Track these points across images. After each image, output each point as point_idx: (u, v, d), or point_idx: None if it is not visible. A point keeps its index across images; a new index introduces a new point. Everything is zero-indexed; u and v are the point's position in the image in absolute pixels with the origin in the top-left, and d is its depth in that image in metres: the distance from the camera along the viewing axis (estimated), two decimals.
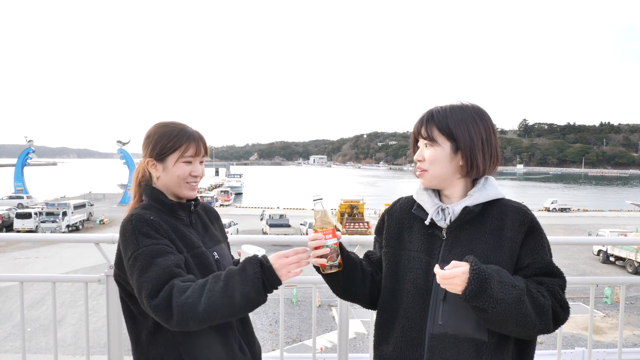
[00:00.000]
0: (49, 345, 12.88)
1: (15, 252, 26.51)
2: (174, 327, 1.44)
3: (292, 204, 54.76)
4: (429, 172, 1.55)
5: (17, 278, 2.69)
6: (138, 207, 1.66)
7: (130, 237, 1.53)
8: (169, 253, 1.53)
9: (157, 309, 1.42)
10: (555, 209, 53.94)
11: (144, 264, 1.48)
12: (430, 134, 1.54)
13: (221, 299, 1.42)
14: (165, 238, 1.56)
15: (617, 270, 24.69)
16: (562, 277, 1.49)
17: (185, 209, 1.72)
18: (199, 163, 1.72)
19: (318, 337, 13.43)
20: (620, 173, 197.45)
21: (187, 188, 1.70)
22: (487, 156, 1.54)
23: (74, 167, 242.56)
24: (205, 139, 1.75)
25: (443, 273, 1.35)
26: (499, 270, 1.38)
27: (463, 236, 1.51)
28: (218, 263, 1.71)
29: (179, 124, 1.73)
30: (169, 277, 1.46)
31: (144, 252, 1.50)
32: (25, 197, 47.18)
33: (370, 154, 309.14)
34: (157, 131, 1.71)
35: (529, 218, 1.49)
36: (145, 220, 1.56)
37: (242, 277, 1.44)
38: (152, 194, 1.69)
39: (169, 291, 1.43)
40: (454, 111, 1.54)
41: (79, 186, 73.34)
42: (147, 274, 1.46)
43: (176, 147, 1.67)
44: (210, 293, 1.42)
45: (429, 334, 1.49)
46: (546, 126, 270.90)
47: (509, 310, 1.34)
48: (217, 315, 1.43)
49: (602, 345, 13.76)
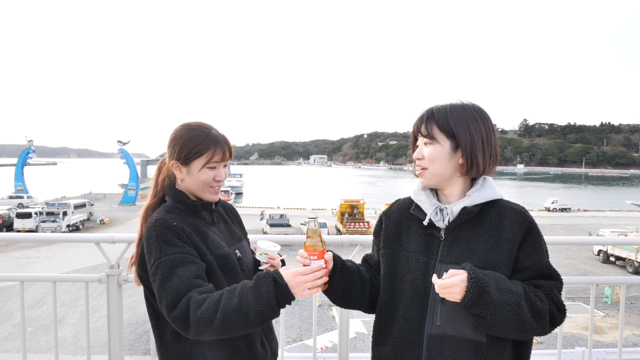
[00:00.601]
0: (50, 345, 12.87)
1: (16, 252, 26.51)
2: (191, 337, 1.49)
3: (292, 203, 54.78)
4: (429, 170, 1.55)
5: (17, 278, 2.69)
6: (162, 210, 1.66)
7: (154, 244, 1.56)
8: (190, 263, 1.55)
9: (176, 321, 1.47)
10: (555, 209, 53.98)
11: (165, 274, 1.52)
12: (430, 131, 1.53)
13: (235, 316, 1.44)
14: (187, 244, 1.59)
15: (617, 270, 24.65)
16: (559, 280, 1.50)
17: (207, 208, 1.74)
18: (222, 167, 1.72)
19: (318, 336, 13.40)
20: (620, 173, 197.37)
21: (210, 192, 1.71)
22: (487, 155, 1.54)
23: (74, 167, 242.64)
24: (229, 142, 1.73)
25: (441, 283, 1.36)
26: (496, 277, 1.38)
27: (461, 237, 1.50)
28: (240, 261, 1.74)
29: (205, 127, 1.70)
30: (188, 288, 1.49)
31: (165, 261, 1.53)
32: (25, 197, 47.19)
33: (370, 154, 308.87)
34: (184, 134, 1.68)
35: (528, 220, 1.49)
36: (168, 226, 1.58)
37: (256, 295, 1.45)
38: (175, 196, 1.70)
39: (186, 303, 1.46)
40: (455, 110, 1.54)
41: (79, 186, 73.41)
42: (168, 284, 1.50)
43: (202, 153, 1.65)
44: (224, 310, 1.44)
45: (427, 335, 1.49)
46: (547, 126, 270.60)
47: (507, 316, 1.35)
48: (232, 330, 1.46)
49: (602, 345, 13.75)
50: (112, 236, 2.54)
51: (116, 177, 78.69)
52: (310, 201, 59.44)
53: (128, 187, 52.57)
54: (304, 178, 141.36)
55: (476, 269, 1.38)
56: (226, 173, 1.76)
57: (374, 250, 1.78)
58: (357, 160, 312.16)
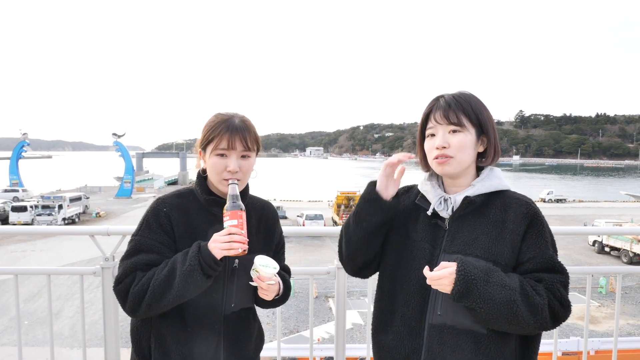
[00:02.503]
0: (46, 338, 12.88)
1: (12, 245, 26.43)
2: (127, 313, 1.57)
3: (288, 196, 54.75)
4: (456, 158, 1.50)
5: (11, 271, 2.68)
6: (175, 192, 1.72)
7: (141, 220, 1.65)
8: (154, 252, 1.59)
9: (118, 294, 1.56)
10: (551, 200, 54.15)
11: (129, 250, 1.61)
12: (459, 119, 1.49)
13: (164, 282, 1.49)
14: (167, 234, 1.61)
15: (612, 260, 24.82)
16: (564, 273, 1.46)
17: (222, 206, 1.60)
18: (238, 157, 1.63)
19: (315, 328, 13.47)
20: (615, 164, 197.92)
21: (225, 184, 1.62)
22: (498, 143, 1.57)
23: (70, 160, 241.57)
24: (248, 132, 1.64)
25: (431, 275, 1.38)
26: (488, 270, 1.38)
27: (465, 227, 1.49)
28: (234, 272, 1.65)
29: (227, 115, 1.66)
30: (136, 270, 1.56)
31: (135, 240, 1.61)
32: (20, 190, 46.93)
33: (366, 146, 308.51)
34: (208, 121, 1.68)
35: (532, 211, 1.48)
36: (158, 211, 1.63)
37: (183, 259, 1.51)
38: (197, 182, 1.71)
39: (131, 280, 1.54)
40: (470, 98, 1.53)
41: (74, 179, 73.11)
42: (126, 260, 1.59)
43: (211, 139, 1.63)
44: (156, 277, 1.51)
45: (428, 324, 1.49)
46: (542, 117, 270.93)
47: (497, 310, 1.35)
48: (161, 298, 1.50)
49: (597, 334, 13.86)
50: (107, 228, 2.52)
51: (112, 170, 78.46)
52: (306, 193, 59.41)
53: (124, 180, 52.34)
54: (300, 170, 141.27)
55: (468, 261, 1.38)
56: (245, 165, 1.65)
57: None
58: (354, 152, 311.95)
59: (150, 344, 1.63)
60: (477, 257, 1.43)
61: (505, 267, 1.44)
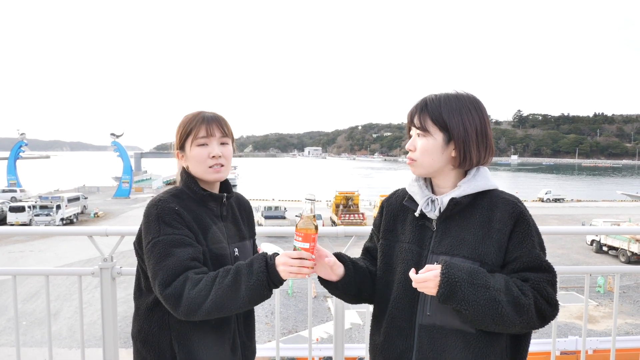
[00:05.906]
0: (44, 339, 12.86)
1: (10, 245, 26.37)
2: (180, 316, 1.50)
3: (287, 195, 54.73)
4: (418, 162, 1.54)
5: (10, 272, 2.67)
6: (168, 193, 1.68)
7: (153, 223, 1.57)
8: (188, 245, 1.56)
9: (168, 298, 1.48)
10: (549, 200, 54.30)
11: (162, 252, 1.53)
12: (423, 123, 1.51)
13: (229, 292, 1.47)
14: (186, 228, 1.59)
15: (610, 259, 24.84)
16: (552, 272, 1.45)
17: (217, 200, 1.72)
18: (218, 144, 1.69)
19: (314, 328, 13.48)
20: (613, 163, 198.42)
21: (210, 172, 1.69)
22: (482, 147, 1.52)
23: (68, 160, 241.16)
24: (222, 120, 1.72)
25: (416, 277, 1.40)
26: (472, 272, 1.38)
27: (452, 227, 1.50)
28: (236, 260, 1.71)
29: (197, 111, 1.72)
30: (184, 268, 1.51)
31: (163, 240, 1.54)
32: (18, 190, 46.80)
33: (365, 146, 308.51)
34: (180, 122, 1.73)
35: (518, 210, 1.47)
36: (170, 209, 1.59)
37: (249, 271, 1.49)
38: (186, 180, 1.70)
39: (182, 282, 1.48)
40: (449, 100, 1.51)
41: (72, 179, 72.94)
42: (164, 262, 1.51)
43: (189, 132, 1.68)
44: (219, 286, 1.47)
45: (418, 325, 1.50)
46: (540, 117, 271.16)
47: (482, 311, 1.35)
48: (223, 308, 1.48)
49: (595, 333, 13.88)
50: (105, 229, 2.52)
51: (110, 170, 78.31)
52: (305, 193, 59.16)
53: (122, 180, 52.29)
54: (299, 170, 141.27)
55: (452, 263, 1.39)
56: (226, 151, 1.71)
57: (373, 240, 1.77)
58: (352, 151, 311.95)
59: (173, 347, 1.62)
60: (465, 257, 1.44)
61: (492, 266, 1.44)
